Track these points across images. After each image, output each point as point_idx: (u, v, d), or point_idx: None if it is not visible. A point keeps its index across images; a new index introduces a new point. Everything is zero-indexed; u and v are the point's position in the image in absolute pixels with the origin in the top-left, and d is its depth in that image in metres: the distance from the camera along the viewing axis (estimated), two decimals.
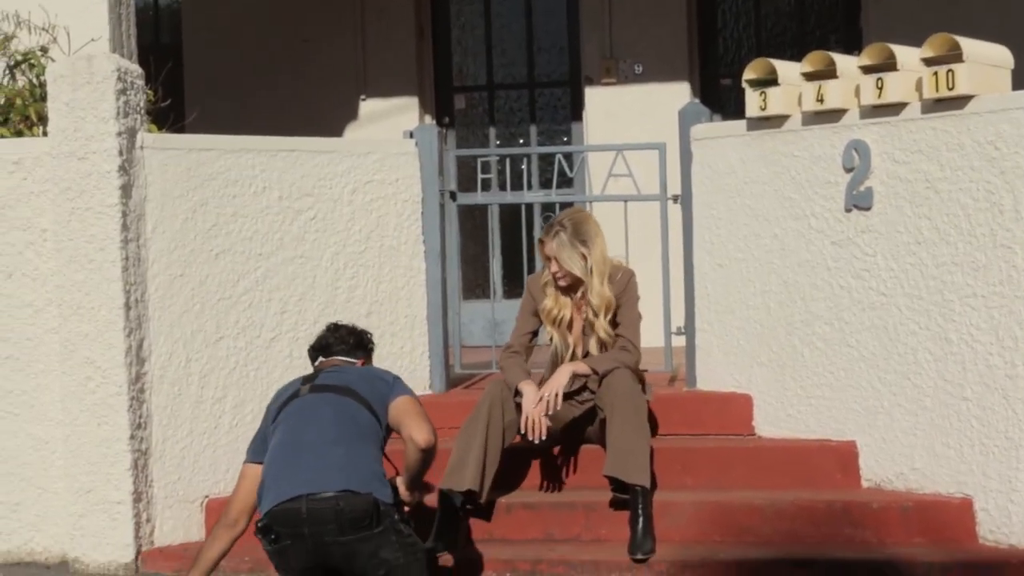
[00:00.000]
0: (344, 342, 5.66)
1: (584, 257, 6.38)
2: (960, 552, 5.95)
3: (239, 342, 6.90)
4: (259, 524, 4.98)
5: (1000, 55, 6.25)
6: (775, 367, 6.89)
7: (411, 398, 5.33)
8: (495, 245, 8.24)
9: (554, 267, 6.41)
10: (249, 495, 5.17)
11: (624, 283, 6.47)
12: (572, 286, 6.45)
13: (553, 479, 6.65)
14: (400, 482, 5.25)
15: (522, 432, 6.28)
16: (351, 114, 10.91)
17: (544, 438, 6.26)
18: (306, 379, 5.41)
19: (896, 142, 6.40)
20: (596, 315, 6.42)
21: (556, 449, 6.67)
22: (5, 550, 6.74)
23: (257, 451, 5.27)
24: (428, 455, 5.17)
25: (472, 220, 9.98)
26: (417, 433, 5.11)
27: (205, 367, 6.80)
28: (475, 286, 10.73)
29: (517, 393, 6.37)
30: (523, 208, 8.09)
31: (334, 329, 5.73)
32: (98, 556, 6.49)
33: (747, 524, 6.23)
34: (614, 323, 6.46)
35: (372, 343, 5.80)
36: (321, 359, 5.61)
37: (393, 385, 5.36)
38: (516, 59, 11.20)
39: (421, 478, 5.32)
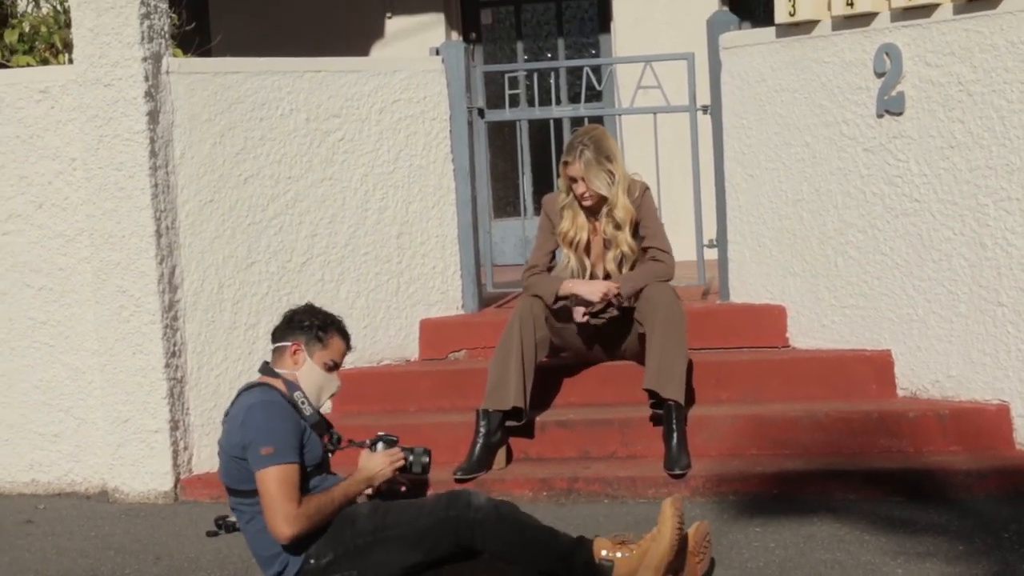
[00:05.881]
0: (276, 329, 5.07)
1: (611, 173, 6.34)
2: (997, 458, 5.93)
3: (271, 266, 6.91)
4: None
5: None
6: (809, 277, 6.85)
7: (266, 474, 4.69)
8: (524, 162, 8.20)
9: (581, 188, 6.34)
10: None
11: (640, 196, 6.42)
12: (596, 206, 6.41)
13: (586, 396, 6.66)
14: None
15: (594, 312, 6.31)
16: (377, 32, 10.84)
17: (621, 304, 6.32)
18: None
19: (928, 45, 6.31)
20: (620, 228, 6.37)
21: (587, 366, 6.69)
22: (45, 481, 6.82)
23: None
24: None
25: (501, 137, 9.94)
26: (271, 526, 4.69)
27: (237, 293, 6.81)
28: (506, 204, 10.69)
29: (557, 300, 6.36)
30: (552, 123, 8.04)
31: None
32: (137, 485, 6.55)
33: (783, 436, 6.22)
34: (635, 237, 6.42)
35: (312, 321, 5.01)
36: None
37: (251, 450, 4.74)
38: None
39: (344, 507, 4.89)
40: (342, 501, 4.84)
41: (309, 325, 4.99)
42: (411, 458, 5.10)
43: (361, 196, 7.18)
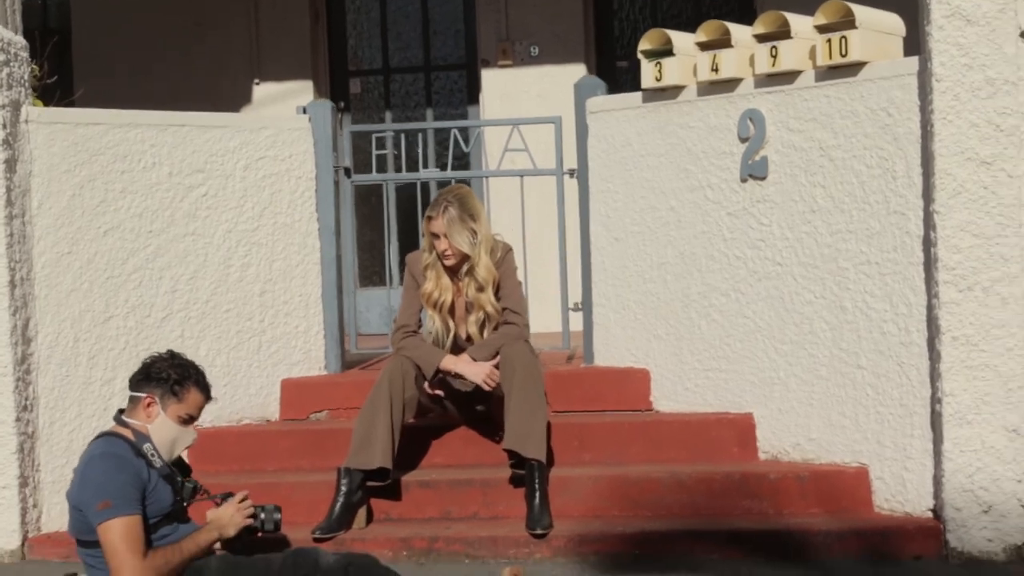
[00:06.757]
0: (133, 378, 5.00)
1: (474, 232, 6.33)
2: (856, 520, 5.97)
3: (129, 321, 6.76)
4: None
5: (892, 22, 6.26)
6: (672, 341, 6.86)
7: (107, 528, 4.66)
8: (391, 230, 8.15)
9: (443, 244, 6.33)
10: None
11: (502, 258, 6.43)
12: (458, 264, 6.39)
13: (449, 456, 6.59)
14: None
15: (484, 387, 6.28)
16: (245, 98, 10.75)
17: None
18: None
19: (790, 111, 6.40)
20: (482, 289, 6.36)
21: (453, 427, 6.64)
22: None
23: None
24: None
25: (368, 205, 9.88)
26: None
27: (94, 347, 6.64)
28: (372, 273, 10.61)
29: (438, 373, 6.34)
30: (418, 188, 8.02)
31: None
32: None
33: (645, 498, 6.19)
34: (496, 298, 6.41)
35: (169, 374, 4.93)
36: None
37: (87, 507, 4.75)
38: (412, 42, 11.07)
39: (195, 558, 4.83)
40: (192, 551, 4.73)
41: (165, 378, 4.92)
42: (263, 515, 5.01)
43: (224, 252, 7.07)
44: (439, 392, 6.43)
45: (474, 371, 6.29)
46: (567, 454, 6.50)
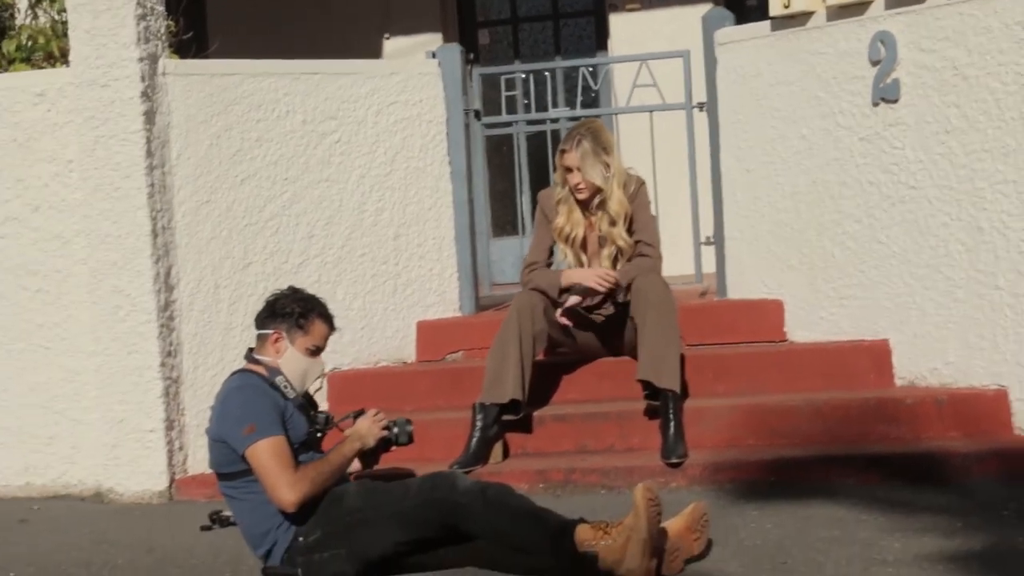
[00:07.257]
0: (259, 316, 5.02)
1: (607, 165, 6.34)
2: (995, 442, 5.89)
3: (267, 267, 6.90)
4: None
5: None
6: (806, 270, 6.82)
7: (255, 449, 4.69)
8: (523, 179, 8.19)
9: (576, 178, 6.34)
10: None
11: (635, 191, 6.42)
12: (590, 198, 6.40)
13: (583, 391, 6.63)
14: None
15: (597, 288, 6.28)
16: (375, 52, 10.84)
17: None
18: None
19: (922, 30, 6.30)
20: (614, 223, 6.36)
21: (585, 362, 6.68)
22: (40, 484, 6.80)
23: None
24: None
25: (500, 155, 9.92)
26: (274, 497, 4.68)
27: (234, 294, 6.80)
28: (504, 223, 10.65)
29: (562, 292, 6.35)
30: (548, 136, 8.04)
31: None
32: (132, 485, 6.53)
33: (781, 426, 6.17)
34: (629, 232, 6.41)
35: (292, 309, 4.95)
36: None
37: (231, 436, 4.76)
38: None
39: (342, 469, 4.92)
40: (339, 462, 4.84)
41: (290, 312, 4.97)
42: (395, 428, 5.08)
43: (358, 198, 7.19)
44: (568, 322, 6.43)
45: (587, 275, 6.30)
46: (701, 386, 6.50)
